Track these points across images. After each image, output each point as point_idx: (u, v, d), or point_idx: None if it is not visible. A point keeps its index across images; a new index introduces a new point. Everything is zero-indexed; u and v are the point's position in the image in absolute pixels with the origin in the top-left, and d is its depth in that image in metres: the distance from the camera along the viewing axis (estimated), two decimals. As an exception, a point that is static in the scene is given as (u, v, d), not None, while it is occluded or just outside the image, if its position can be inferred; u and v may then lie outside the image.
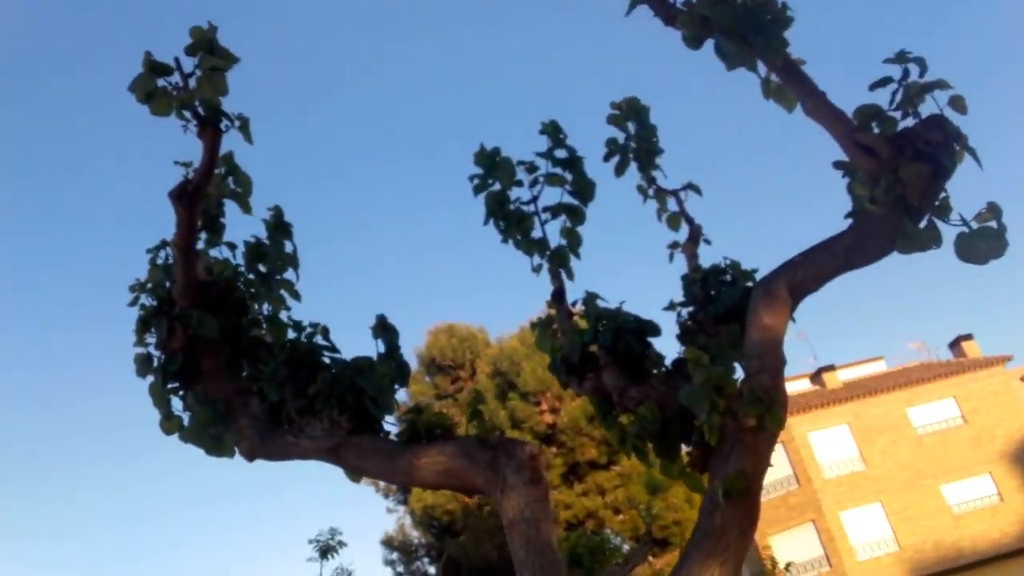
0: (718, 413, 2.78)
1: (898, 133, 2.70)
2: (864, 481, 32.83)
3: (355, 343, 3.89)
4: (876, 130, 2.76)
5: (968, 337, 36.81)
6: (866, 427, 33.55)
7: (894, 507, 32.28)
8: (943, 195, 2.75)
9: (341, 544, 7.66)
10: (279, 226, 4.36)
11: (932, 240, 2.79)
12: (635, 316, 4.12)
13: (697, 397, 2.88)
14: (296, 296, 4.18)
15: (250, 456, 3.46)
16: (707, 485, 2.97)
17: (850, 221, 2.99)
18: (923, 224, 2.78)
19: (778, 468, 33.84)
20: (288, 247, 4.26)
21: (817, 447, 33.55)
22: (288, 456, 3.43)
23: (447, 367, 26.99)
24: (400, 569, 20.92)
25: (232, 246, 4.11)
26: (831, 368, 36.86)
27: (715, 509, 2.78)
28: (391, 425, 3.45)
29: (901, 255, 2.85)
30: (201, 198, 3.33)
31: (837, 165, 2.98)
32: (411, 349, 31.46)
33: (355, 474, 3.35)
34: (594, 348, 4.12)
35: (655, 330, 4.10)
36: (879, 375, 36.78)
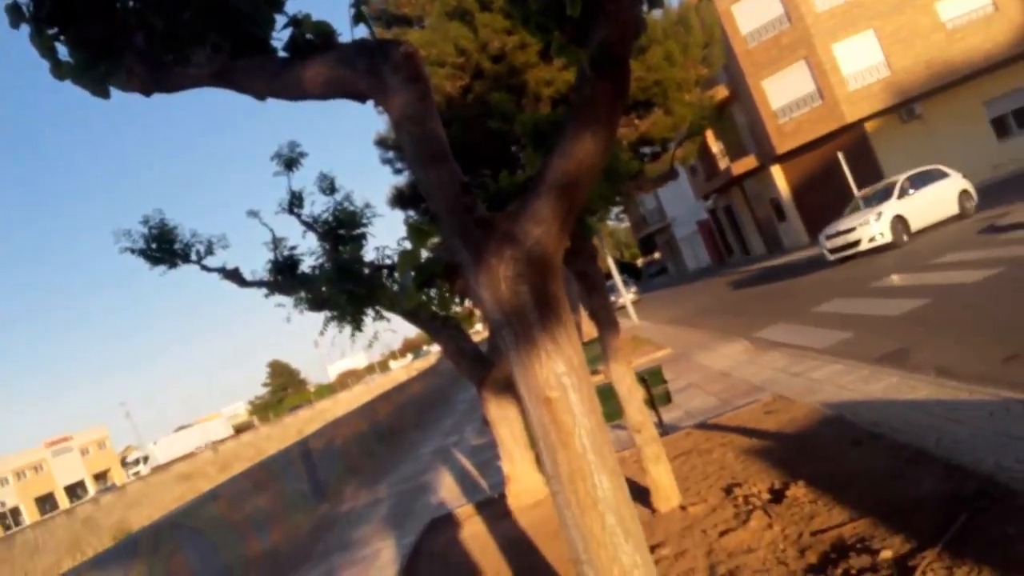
0: (577, -16, 2.69)
1: None
2: (857, 10, 32.20)
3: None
4: None
5: None
6: (861, -48, 32.04)
7: (887, 31, 32.01)
8: None
9: (302, 155, 7.88)
10: None
11: None
12: None
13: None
14: None
15: (145, 91, 3.46)
16: None
17: None
18: None
19: (768, 9, 33.13)
20: None
21: (809, -20, 32.42)
22: (181, 86, 3.43)
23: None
24: (398, 166, 21.60)
25: None
26: None
27: (585, 82, 2.81)
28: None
29: None
30: None
31: None
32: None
33: (252, 95, 3.37)
34: None
35: None
36: None
